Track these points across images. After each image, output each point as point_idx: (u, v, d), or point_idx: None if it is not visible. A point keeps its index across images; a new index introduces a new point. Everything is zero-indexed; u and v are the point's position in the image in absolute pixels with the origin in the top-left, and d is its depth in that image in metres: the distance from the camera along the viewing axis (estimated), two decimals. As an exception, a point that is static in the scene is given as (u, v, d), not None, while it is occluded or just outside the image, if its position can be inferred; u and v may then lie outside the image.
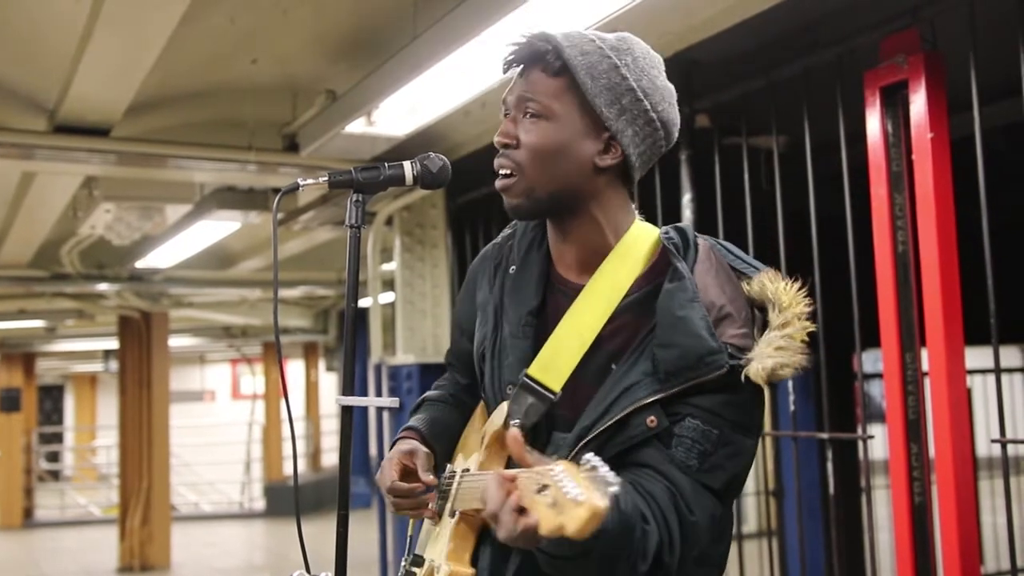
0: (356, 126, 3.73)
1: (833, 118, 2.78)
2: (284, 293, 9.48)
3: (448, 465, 1.59)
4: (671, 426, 1.32)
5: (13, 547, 10.80)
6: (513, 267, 1.54)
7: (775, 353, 1.31)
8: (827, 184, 2.89)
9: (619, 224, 1.46)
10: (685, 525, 1.29)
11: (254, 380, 15.43)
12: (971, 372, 2.81)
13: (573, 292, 1.45)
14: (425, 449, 1.55)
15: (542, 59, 1.41)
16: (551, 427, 1.42)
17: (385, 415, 5.19)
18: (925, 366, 2.56)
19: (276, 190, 4.90)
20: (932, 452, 2.55)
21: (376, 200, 4.79)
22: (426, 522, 1.59)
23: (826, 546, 5.31)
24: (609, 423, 1.33)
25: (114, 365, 11.51)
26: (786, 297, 1.35)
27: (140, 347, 9.18)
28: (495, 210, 4.56)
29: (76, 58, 3.27)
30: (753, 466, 1.47)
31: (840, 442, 4.45)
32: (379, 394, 5.01)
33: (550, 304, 1.48)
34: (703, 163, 3.34)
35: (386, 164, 1.51)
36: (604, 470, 1.05)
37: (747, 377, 1.30)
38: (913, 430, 2.59)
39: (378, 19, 3.48)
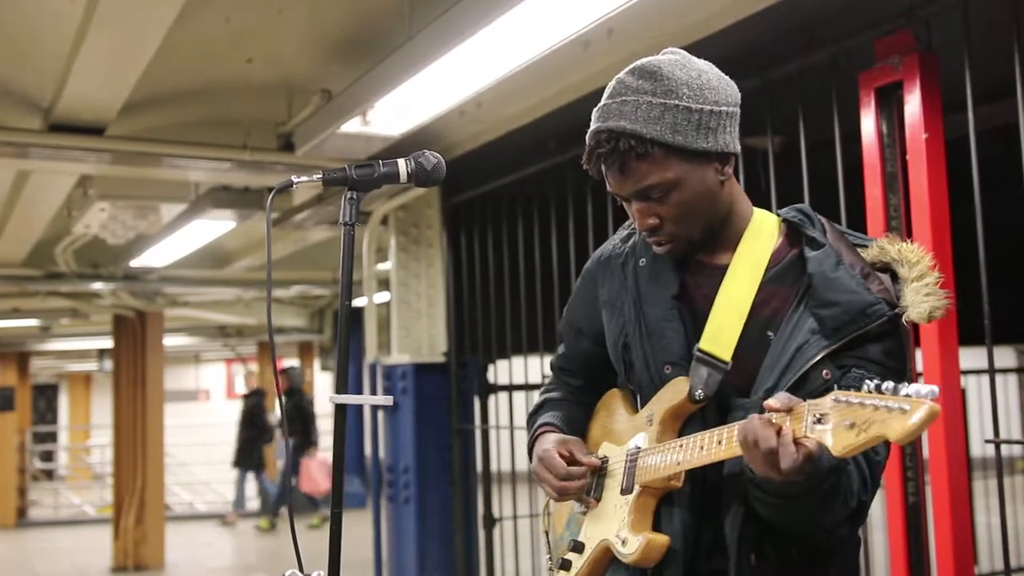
0: (351, 126, 3.73)
1: (828, 119, 2.79)
2: (279, 292, 9.47)
3: (593, 454, 1.69)
4: (841, 377, 1.45)
5: (6, 546, 10.78)
6: (643, 260, 1.65)
7: (927, 298, 1.44)
8: (822, 184, 2.89)
9: (743, 205, 1.61)
10: (872, 464, 1.44)
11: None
12: (965, 373, 2.82)
13: (714, 271, 1.58)
14: (575, 437, 1.70)
15: (625, 150, 1.49)
16: (726, 394, 1.54)
17: (379, 415, 5.19)
18: (919, 367, 2.57)
19: (271, 189, 4.89)
20: (926, 453, 2.55)
21: (371, 199, 4.78)
22: (574, 509, 1.70)
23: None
24: (792, 380, 1.45)
25: (108, 364, 11.49)
26: (912, 254, 1.49)
27: (135, 346, 9.16)
28: (490, 209, 4.56)
29: (71, 57, 3.27)
30: None
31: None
32: (374, 394, 5.00)
33: (691, 286, 1.60)
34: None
35: (381, 162, 1.51)
36: (930, 388, 1.18)
37: (900, 325, 1.45)
38: (907, 430, 2.59)
39: (373, 19, 3.48)
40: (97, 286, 7.76)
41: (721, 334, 1.54)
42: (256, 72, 3.99)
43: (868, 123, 2.66)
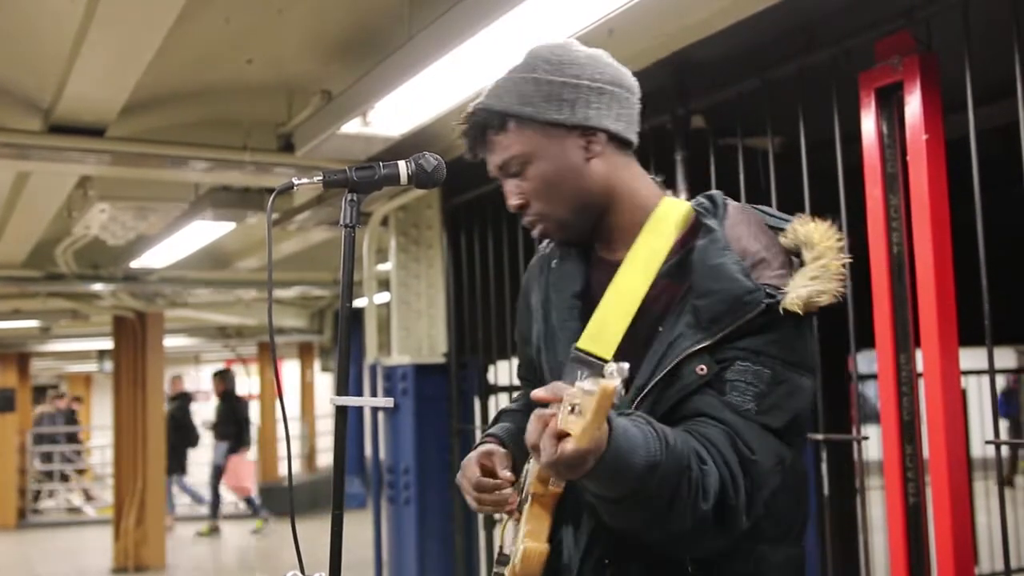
0: (351, 126, 3.72)
1: (828, 119, 2.79)
2: (279, 293, 9.47)
3: (526, 466, 1.63)
4: (723, 372, 1.35)
5: (7, 547, 10.78)
6: (555, 260, 1.62)
7: (809, 282, 1.35)
8: (822, 185, 2.89)
9: (641, 195, 1.52)
10: (746, 463, 1.31)
11: (249, 380, 15.41)
12: (965, 373, 2.82)
13: (612, 267, 1.50)
14: (503, 450, 1.61)
15: (486, 125, 1.50)
16: None
17: (380, 416, 5.19)
18: (920, 367, 2.57)
19: (271, 190, 4.90)
20: (926, 453, 2.55)
21: (371, 200, 4.78)
22: (511, 522, 1.63)
23: (820, 547, 5.32)
24: (660, 376, 1.37)
25: (109, 365, 11.49)
26: (817, 234, 1.39)
27: (135, 347, 9.17)
28: (490, 210, 4.56)
29: (71, 58, 3.27)
30: (808, 479, 1.49)
31: (835, 443, 4.46)
32: (374, 395, 5.01)
33: (593, 284, 1.54)
34: (698, 164, 3.34)
35: (381, 164, 1.51)
36: (617, 366, 1.11)
37: (789, 312, 1.33)
38: (907, 431, 2.59)
39: (374, 19, 3.48)
40: (97, 287, 7.76)
41: (604, 332, 1.47)
42: (256, 73, 3.99)
43: (868, 123, 2.66)
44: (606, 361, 1.42)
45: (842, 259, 1.38)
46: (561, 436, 1.15)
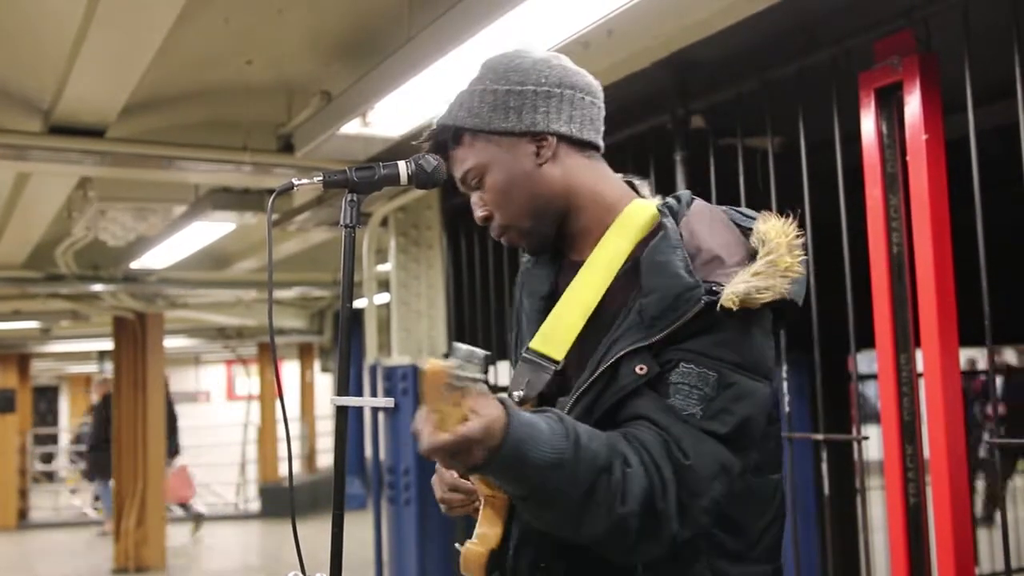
0: (351, 127, 3.73)
1: (828, 119, 2.79)
2: (280, 294, 9.47)
3: None
4: (666, 374, 1.30)
5: (7, 548, 10.77)
6: (529, 265, 1.61)
7: (750, 278, 1.29)
8: (822, 185, 2.89)
9: (607, 196, 1.48)
10: (680, 469, 1.25)
11: (249, 381, 15.40)
12: (966, 373, 2.82)
13: (577, 268, 1.47)
14: None
15: (444, 141, 1.51)
16: (561, 396, 1.42)
17: (380, 416, 5.19)
18: (920, 367, 2.57)
19: (271, 191, 4.90)
20: (927, 453, 2.55)
21: (371, 201, 4.78)
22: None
23: (821, 547, 5.31)
24: (597, 374, 1.33)
25: (109, 366, 11.49)
26: (772, 231, 1.34)
27: (135, 348, 9.16)
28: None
29: (71, 59, 3.27)
30: (780, 494, 1.41)
31: (835, 443, 4.46)
32: (375, 395, 5.01)
33: (561, 286, 1.50)
34: (698, 164, 3.34)
35: (381, 164, 1.51)
36: (465, 348, 1.17)
37: (733, 312, 1.27)
38: (908, 431, 2.59)
39: (373, 20, 3.48)
40: (97, 288, 7.76)
41: (556, 332, 1.44)
42: (256, 74, 3.99)
43: (868, 124, 2.66)
44: (556, 362, 1.42)
45: (795, 256, 1.32)
46: (428, 417, 1.14)
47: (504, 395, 1.22)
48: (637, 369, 1.31)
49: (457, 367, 1.14)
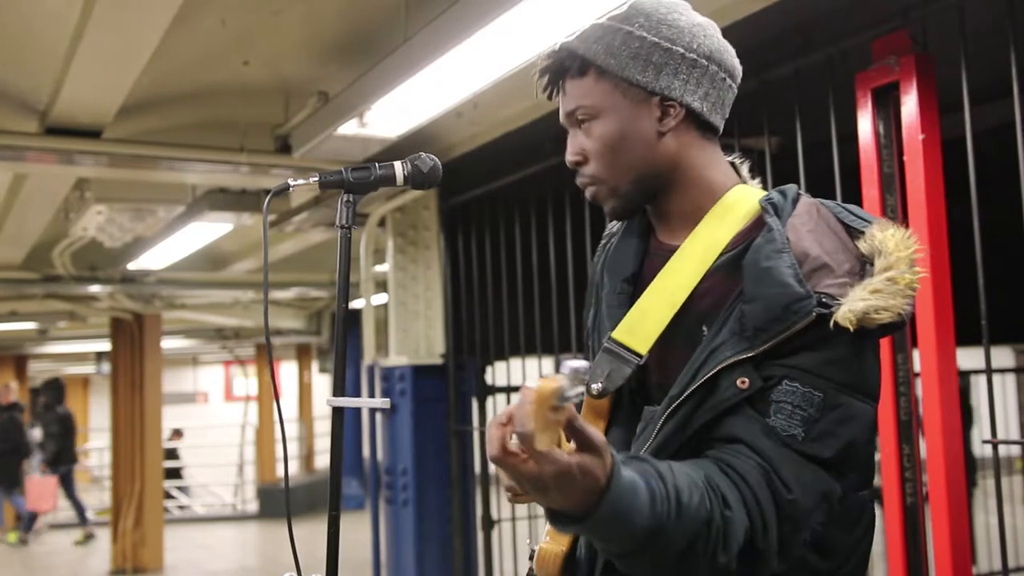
0: (348, 128, 3.72)
1: (825, 119, 2.79)
2: (277, 295, 9.47)
3: None
4: (768, 391, 1.21)
5: (5, 550, 10.76)
6: (613, 243, 1.52)
7: (869, 296, 1.19)
8: (819, 185, 2.89)
9: (713, 183, 1.39)
10: (782, 504, 1.18)
11: (247, 382, 15.41)
12: (963, 373, 2.82)
13: (667, 253, 1.38)
14: None
15: (565, 68, 1.39)
16: (645, 398, 1.36)
17: (378, 416, 5.19)
18: (917, 367, 2.57)
19: (268, 191, 4.89)
20: (924, 453, 2.55)
21: (369, 201, 4.78)
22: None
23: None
24: (695, 387, 1.24)
25: (106, 367, 11.49)
26: (892, 242, 1.23)
27: (132, 349, 9.16)
28: (488, 211, 4.56)
29: (67, 59, 3.27)
30: (871, 513, 1.35)
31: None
32: (372, 396, 5.01)
33: (647, 270, 1.42)
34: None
35: (377, 164, 1.51)
36: (573, 364, 0.98)
37: (847, 328, 1.18)
38: (905, 431, 2.59)
39: (370, 20, 3.48)
40: (94, 289, 7.75)
41: (642, 323, 1.34)
42: (253, 74, 3.99)
43: (865, 124, 2.67)
44: (640, 356, 1.33)
45: (916, 273, 1.22)
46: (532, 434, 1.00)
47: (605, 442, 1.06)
48: (739, 383, 1.22)
49: (568, 387, 0.98)
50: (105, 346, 10.69)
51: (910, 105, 2.51)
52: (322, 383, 14.55)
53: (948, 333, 2.49)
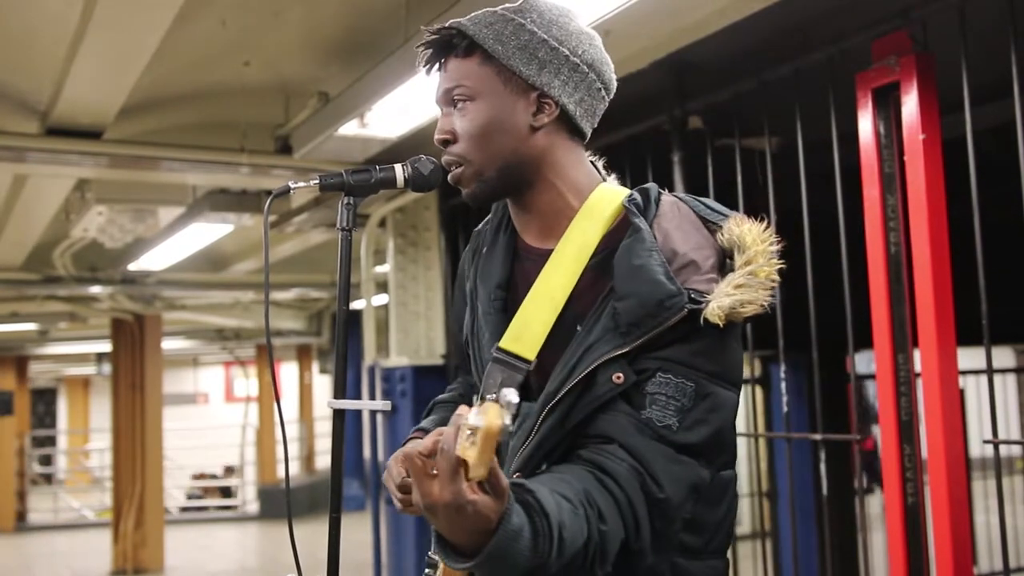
0: (349, 128, 3.72)
1: (825, 119, 2.79)
2: (277, 295, 9.47)
3: None
4: (641, 385, 1.27)
5: (5, 551, 10.76)
6: (484, 249, 1.54)
7: (734, 291, 1.26)
8: (820, 184, 2.89)
9: (578, 183, 1.43)
10: (654, 503, 1.24)
11: (247, 383, 15.40)
12: (964, 373, 2.82)
13: (539, 258, 1.42)
14: None
15: (452, 46, 1.41)
16: (524, 397, 1.37)
17: (378, 417, 5.19)
18: (918, 367, 2.57)
19: (269, 192, 4.89)
20: (925, 453, 2.55)
21: (369, 202, 4.78)
22: None
23: (820, 547, 5.32)
24: (572, 384, 1.28)
25: (107, 368, 11.49)
26: (750, 237, 1.30)
27: (133, 350, 9.16)
28: (488, 212, 4.56)
29: (68, 60, 3.27)
30: (747, 468, 1.43)
31: (833, 443, 4.46)
32: (373, 397, 5.00)
33: (518, 274, 1.45)
34: (696, 164, 3.34)
35: (377, 167, 1.51)
36: (506, 400, 0.99)
37: (712, 321, 1.25)
38: (906, 431, 2.59)
39: (371, 21, 3.48)
40: (95, 290, 7.75)
41: (527, 329, 1.37)
42: (253, 75, 3.99)
43: (865, 124, 2.66)
44: (529, 362, 1.36)
45: (773, 265, 1.29)
46: (459, 463, 1.01)
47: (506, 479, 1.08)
48: (614, 378, 1.27)
49: (511, 424, 1.00)
50: (106, 347, 10.68)
51: (910, 105, 2.51)
52: (323, 384, 14.55)
53: (949, 333, 2.49)
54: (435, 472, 1.04)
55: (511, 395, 0.99)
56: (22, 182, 4.88)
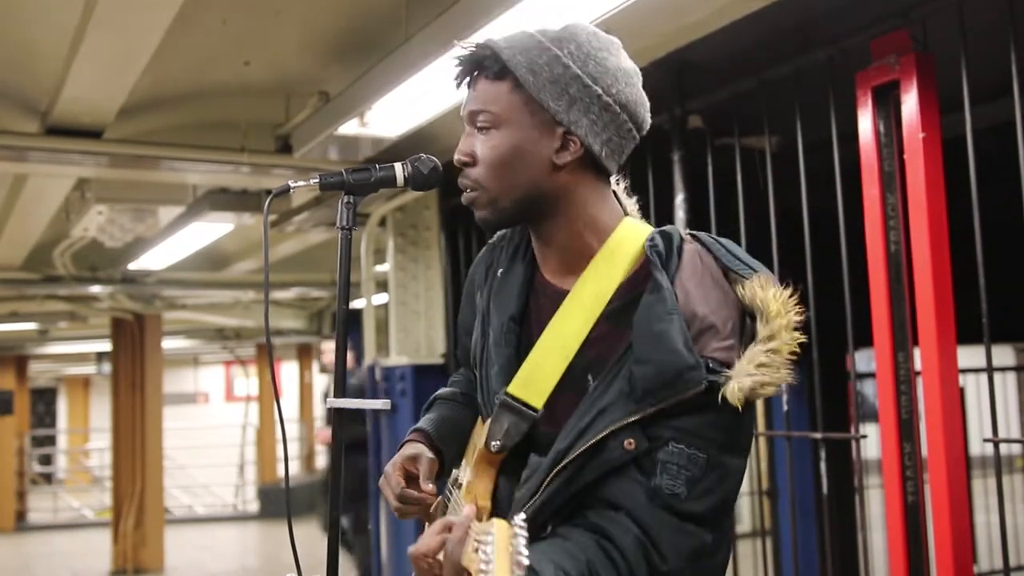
0: (349, 127, 3.72)
1: (825, 118, 2.79)
2: (278, 295, 9.46)
3: (455, 470, 1.55)
4: (654, 452, 1.26)
5: (5, 550, 10.76)
6: (500, 270, 1.50)
7: (755, 371, 1.24)
8: (819, 184, 2.89)
9: (599, 223, 1.39)
10: (657, 575, 1.24)
11: (248, 382, 15.40)
12: (964, 371, 2.82)
13: (556, 297, 1.39)
14: (429, 455, 1.48)
15: (484, 67, 1.38)
16: (530, 446, 1.36)
17: (379, 415, 5.19)
18: (918, 365, 2.57)
19: (269, 191, 4.89)
20: (925, 451, 2.55)
21: (369, 201, 4.78)
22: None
23: (820, 546, 5.32)
24: (584, 447, 1.26)
25: (107, 367, 11.48)
26: (775, 305, 1.27)
27: (133, 349, 9.16)
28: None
29: (68, 60, 3.27)
30: (747, 467, 1.45)
31: (833, 442, 4.46)
32: (373, 396, 5.00)
33: (532, 309, 1.43)
34: (696, 164, 3.34)
35: (377, 166, 1.51)
36: (521, 543, 0.99)
37: (732, 403, 1.23)
38: (906, 429, 2.59)
39: (371, 20, 3.48)
40: (95, 289, 7.75)
41: (537, 375, 1.35)
42: (253, 74, 3.99)
43: (865, 123, 2.67)
44: (536, 410, 1.34)
45: (797, 340, 1.27)
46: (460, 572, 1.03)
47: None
48: (626, 444, 1.25)
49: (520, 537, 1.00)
50: (106, 346, 10.68)
51: (910, 104, 2.52)
52: (323, 383, 14.55)
53: (949, 332, 2.49)
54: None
55: (521, 529, 0.99)
56: (22, 181, 4.88)
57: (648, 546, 1.24)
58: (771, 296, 1.28)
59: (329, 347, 5.27)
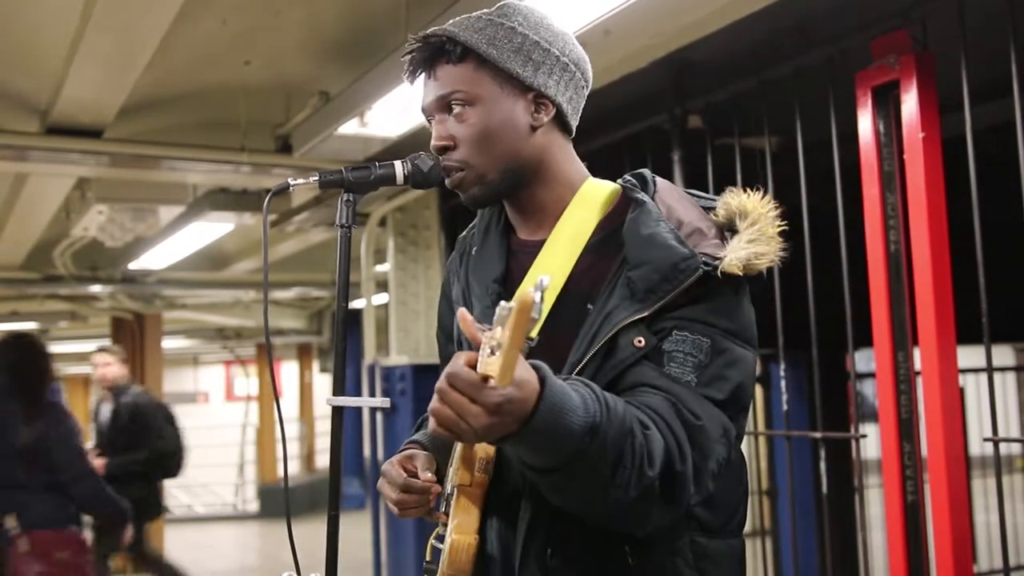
0: (349, 127, 3.73)
1: (825, 118, 2.79)
2: (278, 294, 9.47)
3: (450, 470, 1.54)
4: (660, 344, 1.29)
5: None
6: (475, 248, 1.55)
7: (747, 245, 1.31)
8: (820, 184, 2.89)
9: (571, 178, 1.47)
10: (692, 429, 1.24)
11: (248, 382, 15.40)
12: (963, 371, 2.82)
13: (535, 248, 1.44)
14: (425, 452, 1.50)
15: (442, 53, 1.41)
16: None
17: (379, 416, 5.19)
18: (918, 365, 2.57)
19: (269, 191, 4.88)
20: (925, 451, 2.55)
21: (369, 201, 4.79)
22: (439, 527, 1.52)
23: (819, 545, 5.32)
24: (595, 349, 1.30)
25: (107, 367, 11.47)
26: (751, 203, 1.35)
27: (133, 349, 9.15)
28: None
29: (68, 60, 3.27)
30: (747, 466, 1.45)
31: (833, 441, 4.46)
32: (373, 395, 5.01)
33: (514, 268, 1.47)
34: (696, 163, 3.34)
35: (377, 164, 1.50)
36: (539, 279, 1.03)
37: (727, 279, 1.29)
38: (906, 429, 2.60)
39: (371, 20, 3.48)
40: (95, 289, 7.76)
41: None
42: (254, 74, 3.99)
43: (865, 122, 2.67)
44: (532, 339, 1.30)
45: (777, 226, 1.34)
46: (484, 380, 1.04)
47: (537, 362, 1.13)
48: (635, 342, 1.29)
49: (539, 300, 1.01)
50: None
51: (910, 104, 2.52)
52: (323, 383, 14.55)
53: (949, 331, 2.49)
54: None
55: (544, 278, 1.03)
56: (23, 181, 4.89)
57: (677, 403, 1.26)
58: (745, 198, 1.37)
59: (102, 360, 4.72)
